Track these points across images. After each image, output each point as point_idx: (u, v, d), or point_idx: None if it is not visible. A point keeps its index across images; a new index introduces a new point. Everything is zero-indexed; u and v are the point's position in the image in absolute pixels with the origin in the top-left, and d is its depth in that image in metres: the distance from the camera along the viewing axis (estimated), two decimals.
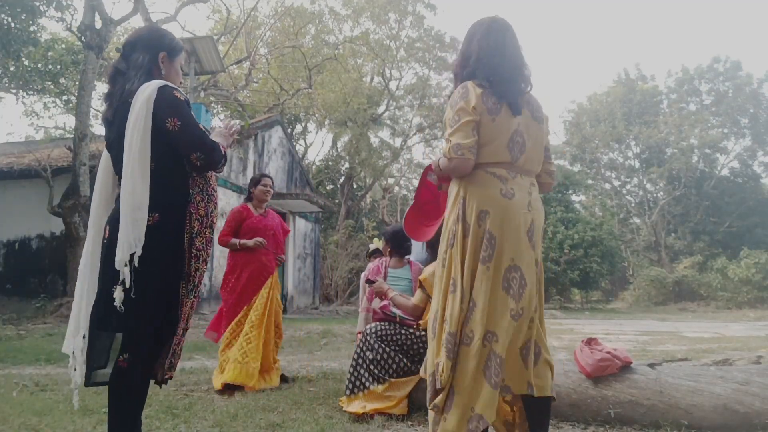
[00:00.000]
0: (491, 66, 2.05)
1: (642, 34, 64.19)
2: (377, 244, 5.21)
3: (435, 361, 1.95)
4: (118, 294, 1.75)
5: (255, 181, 4.36)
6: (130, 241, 1.76)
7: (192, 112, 1.94)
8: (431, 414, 1.96)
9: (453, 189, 2.08)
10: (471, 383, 1.88)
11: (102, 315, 1.81)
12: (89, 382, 1.85)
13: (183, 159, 1.92)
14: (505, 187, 1.99)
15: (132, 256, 1.76)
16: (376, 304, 3.79)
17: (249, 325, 4.02)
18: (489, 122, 1.98)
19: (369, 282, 3.47)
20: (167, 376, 1.95)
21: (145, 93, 1.84)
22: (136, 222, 1.78)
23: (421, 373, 2.18)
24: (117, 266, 1.76)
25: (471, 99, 1.97)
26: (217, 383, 3.83)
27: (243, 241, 4.15)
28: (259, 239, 4.17)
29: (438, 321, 1.99)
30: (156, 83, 1.89)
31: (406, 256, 3.97)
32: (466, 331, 1.91)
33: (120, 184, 2.00)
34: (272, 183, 4.41)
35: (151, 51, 2.01)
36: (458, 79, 2.16)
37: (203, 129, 1.96)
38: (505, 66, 2.06)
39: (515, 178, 2.02)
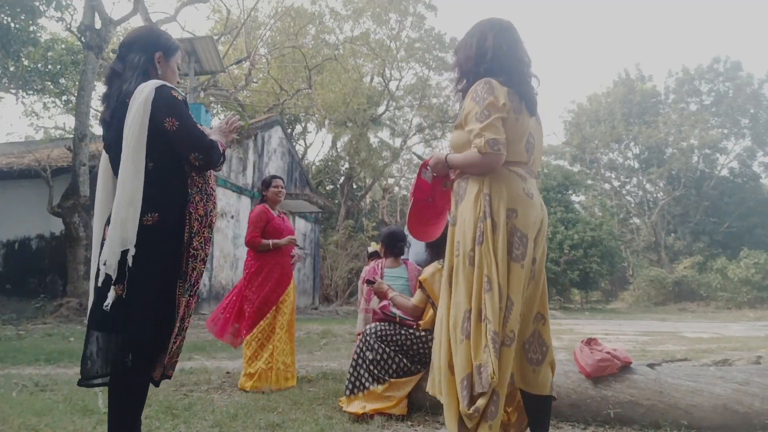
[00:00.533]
0: (510, 65, 2.05)
1: (642, 34, 64.28)
2: (375, 246, 5.25)
3: (475, 363, 1.86)
4: (110, 293, 1.75)
5: (267, 183, 4.32)
6: (120, 238, 1.75)
7: (190, 112, 1.94)
8: (456, 419, 1.87)
9: (472, 186, 2.01)
10: (506, 381, 1.88)
11: (101, 316, 1.80)
12: (82, 383, 1.84)
13: (182, 159, 1.92)
14: (527, 187, 2.00)
15: (125, 253, 1.75)
16: (375, 303, 3.81)
17: (280, 328, 4.03)
18: (514, 121, 1.98)
19: (369, 282, 3.48)
20: (168, 374, 1.95)
21: (143, 93, 1.84)
22: (126, 221, 1.77)
23: (429, 389, 2.07)
24: (105, 262, 1.75)
25: (500, 95, 1.96)
26: (248, 383, 3.86)
27: (276, 241, 4.09)
28: (293, 237, 4.20)
29: (473, 321, 1.90)
30: (153, 83, 1.89)
31: (401, 257, 4.06)
32: (507, 331, 1.87)
33: None
34: (283, 183, 4.40)
35: (147, 51, 2.01)
36: (468, 75, 2.13)
37: (201, 128, 1.96)
38: (521, 66, 2.08)
39: (529, 179, 2.04)
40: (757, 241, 24.61)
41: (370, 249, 5.35)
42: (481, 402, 1.81)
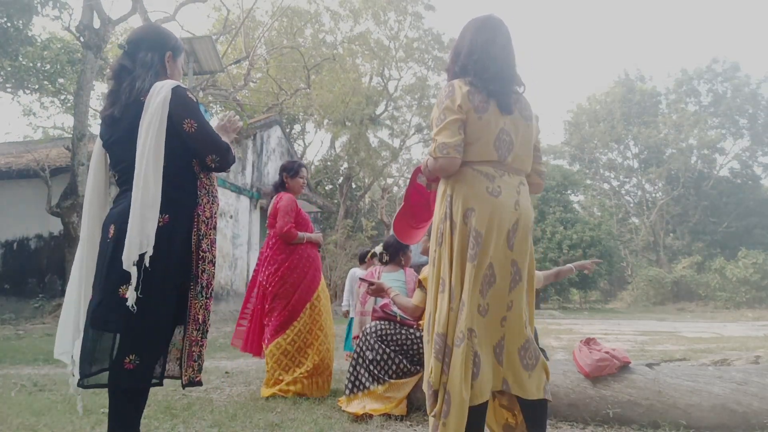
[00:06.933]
0: (481, 62, 2.03)
1: (641, 35, 64.33)
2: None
3: (429, 364, 1.92)
4: (130, 294, 1.73)
5: (293, 171, 3.87)
6: (140, 240, 1.74)
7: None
8: (432, 420, 1.93)
9: (440, 188, 2.06)
10: (461, 382, 1.85)
11: (105, 316, 1.78)
12: (86, 384, 1.83)
13: (192, 160, 1.92)
14: (492, 185, 1.98)
15: (143, 255, 1.74)
16: (370, 306, 3.82)
17: (320, 330, 3.71)
18: (475, 120, 1.97)
19: (369, 284, 3.46)
20: (197, 379, 1.91)
21: (161, 93, 1.83)
22: (148, 221, 1.76)
23: (424, 388, 2.12)
24: (124, 265, 1.73)
25: (456, 97, 1.96)
26: (290, 388, 3.53)
27: (310, 235, 3.78)
28: (320, 234, 3.92)
29: (431, 323, 1.96)
30: (170, 83, 1.88)
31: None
32: (457, 332, 1.88)
33: (116, 182, 2.00)
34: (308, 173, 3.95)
35: (159, 50, 2.00)
36: (450, 74, 2.15)
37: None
38: (494, 63, 2.04)
39: (503, 177, 2.01)
40: (755, 241, 24.66)
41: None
42: (438, 406, 1.87)
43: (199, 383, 1.92)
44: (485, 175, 1.98)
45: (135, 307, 1.73)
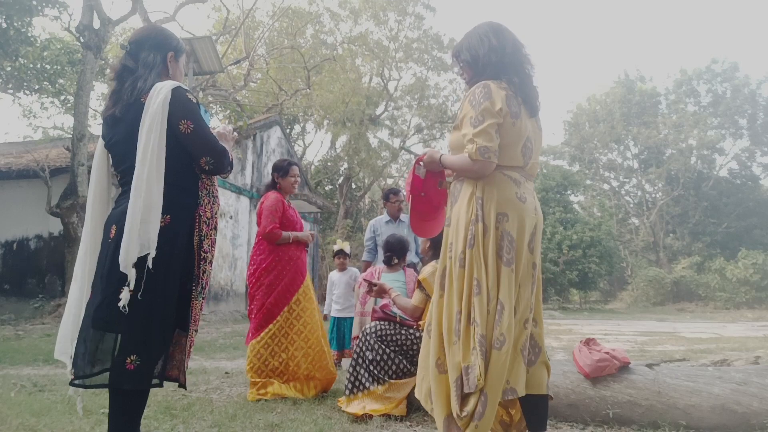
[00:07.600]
0: (515, 65, 2.05)
1: (641, 35, 64.36)
2: (341, 245, 5.33)
3: (463, 364, 1.89)
4: (124, 295, 1.73)
5: (282, 170, 3.81)
6: (140, 242, 1.74)
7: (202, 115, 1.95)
8: (442, 416, 1.90)
9: (466, 189, 2.04)
10: (499, 384, 1.87)
11: (106, 316, 1.78)
12: (88, 384, 1.83)
13: (192, 161, 1.92)
14: (519, 191, 2.01)
15: (145, 257, 1.74)
16: (369, 307, 3.82)
17: (297, 334, 3.62)
18: (510, 125, 1.98)
19: (370, 285, 3.46)
20: (182, 379, 1.93)
21: (161, 94, 1.83)
22: (150, 223, 1.76)
23: (417, 393, 2.10)
24: (121, 267, 1.73)
25: (496, 100, 1.95)
26: (262, 392, 3.49)
27: (296, 234, 3.72)
28: (312, 233, 3.87)
29: (463, 323, 1.93)
30: (170, 84, 1.88)
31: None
32: (496, 334, 1.88)
33: (118, 183, 2.00)
34: (299, 171, 3.93)
35: (161, 50, 2.01)
36: (474, 76, 2.10)
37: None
38: (527, 66, 2.08)
39: (524, 183, 2.04)
40: (755, 241, 24.66)
41: (336, 247, 5.38)
42: (470, 405, 1.84)
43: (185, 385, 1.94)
44: (514, 181, 2.01)
45: (127, 308, 1.73)
